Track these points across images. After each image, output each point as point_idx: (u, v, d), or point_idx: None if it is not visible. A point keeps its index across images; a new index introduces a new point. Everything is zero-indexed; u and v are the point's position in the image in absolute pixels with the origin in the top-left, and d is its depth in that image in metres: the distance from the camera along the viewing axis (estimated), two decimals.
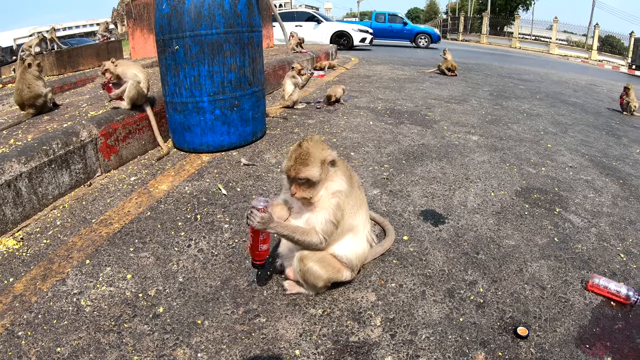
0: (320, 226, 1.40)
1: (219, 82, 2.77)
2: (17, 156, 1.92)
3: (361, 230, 1.51)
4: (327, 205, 1.40)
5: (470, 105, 4.81)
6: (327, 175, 1.40)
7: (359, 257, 1.53)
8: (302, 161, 1.34)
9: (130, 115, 2.80)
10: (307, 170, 1.34)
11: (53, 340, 1.33)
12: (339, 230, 1.43)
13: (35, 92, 2.75)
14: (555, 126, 4.24)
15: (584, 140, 3.84)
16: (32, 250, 1.83)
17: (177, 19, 2.56)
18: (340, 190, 1.41)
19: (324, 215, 1.39)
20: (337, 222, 1.40)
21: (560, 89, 6.99)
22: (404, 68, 7.91)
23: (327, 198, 1.41)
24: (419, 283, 1.64)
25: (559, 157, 3.24)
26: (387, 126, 3.71)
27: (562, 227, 2.13)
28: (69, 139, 2.24)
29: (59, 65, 5.21)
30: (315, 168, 1.35)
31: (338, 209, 1.39)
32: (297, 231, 1.41)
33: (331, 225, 1.40)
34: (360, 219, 1.49)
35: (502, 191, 2.50)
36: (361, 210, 1.50)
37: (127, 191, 2.41)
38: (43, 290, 1.56)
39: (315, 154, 1.35)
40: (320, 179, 1.37)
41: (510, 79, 7.49)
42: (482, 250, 1.88)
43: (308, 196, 1.38)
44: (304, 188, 1.38)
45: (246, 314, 1.48)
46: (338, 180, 1.42)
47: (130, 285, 1.61)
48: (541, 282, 1.68)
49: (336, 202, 1.39)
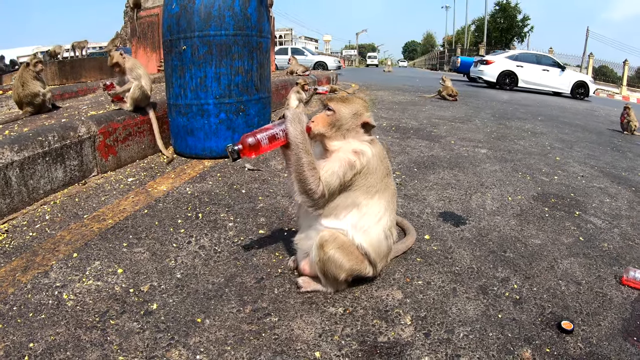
0: (324, 173, 1.23)
1: (225, 84, 2.67)
2: (9, 144, 1.76)
3: (374, 216, 1.30)
4: (342, 157, 1.25)
5: (474, 125, 4.82)
6: (355, 132, 1.29)
7: (374, 248, 1.31)
8: (341, 98, 1.31)
9: (131, 116, 2.68)
10: (340, 104, 1.29)
11: (26, 335, 1.13)
12: (343, 198, 1.27)
13: (30, 90, 2.64)
14: (561, 142, 4.25)
15: (591, 154, 3.84)
16: (16, 242, 1.64)
17: (186, 19, 2.50)
18: (364, 152, 1.26)
19: (333, 165, 1.24)
20: (344, 181, 1.24)
21: (560, 113, 7.10)
22: (404, 93, 8.04)
23: (344, 152, 1.26)
24: (448, 280, 1.47)
25: (569, 167, 3.22)
26: (394, 140, 3.67)
27: (585, 227, 2.08)
28: (66, 133, 2.09)
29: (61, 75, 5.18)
30: (347, 109, 1.28)
31: (351, 169, 1.23)
32: (310, 155, 1.22)
33: (336, 180, 1.23)
34: (376, 204, 1.30)
35: (519, 196, 2.45)
36: (382, 195, 1.31)
37: (123, 190, 2.24)
38: (22, 282, 1.36)
39: (356, 103, 1.31)
40: (344, 124, 1.27)
41: (509, 104, 7.62)
42: (509, 248, 1.78)
43: (323, 131, 1.28)
44: (326, 122, 1.28)
45: (255, 312, 1.27)
46: (365, 144, 1.28)
47: (121, 280, 1.41)
48: (575, 278, 1.59)
49: (353, 160, 1.24)
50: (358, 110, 1.29)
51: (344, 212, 1.29)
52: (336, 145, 1.29)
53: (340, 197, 1.28)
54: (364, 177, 1.26)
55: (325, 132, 1.28)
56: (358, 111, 1.29)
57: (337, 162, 1.24)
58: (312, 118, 1.30)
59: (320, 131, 1.28)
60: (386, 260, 1.41)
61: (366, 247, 1.30)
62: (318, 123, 1.28)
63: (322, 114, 1.30)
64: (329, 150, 1.30)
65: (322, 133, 1.28)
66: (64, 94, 3.87)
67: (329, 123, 1.28)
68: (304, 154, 1.21)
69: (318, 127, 1.28)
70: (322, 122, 1.28)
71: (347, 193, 1.28)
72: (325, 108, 1.30)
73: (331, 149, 1.29)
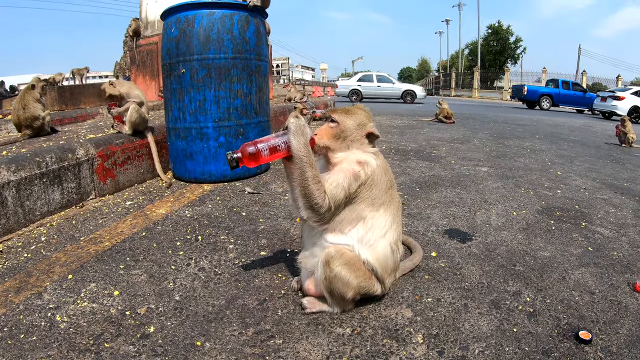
0: (329, 186, 1.22)
1: (224, 107, 2.73)
2: (6, 164, 1.78)
3: (380, 230, 1.29)
4: (346, 168, 1.25)
5: (473, 145, 4.95)
6: (359, 142, 1.30)
7: (381, 264, 1.29)
8: (345, 110, 1.32)
9: (130, 140, 2.72)
10: (344, 116, 1.30)
11: (16, 357, 1.09)
12: (349, 211, 1.26)
13: (31, 113, 2.69)
14: (560, 158, 4.36)
15: (591, 167, 3.94)
16: (10, 263, 1.62)
17: (185, 42, 2.59)
18: (368, 162, 1.26)
19: (337, 177, 1.23)
20: (349, 192, 1.23)
21: (557, 130, 7.33)
22: (402, 118, 8.28)
23: (348, 163, 1.26)
24: (459, 296, 1.45)
25: (570, 181, 3.30)
26: (394, 162, 3.73)
27: (593, 238, 2.10)
28: (64, 155, 2.12)
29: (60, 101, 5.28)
30: (351, 120, 1.29)
31: (356, 180, 1.23)
32: (314, 169, 1.21)
33: (341, 192, 1.22)
34: (382, 216, 1.29)
35: (524, 210, 2.47)
36: (387, 208, 1.30)
37: (121, 213, 2.23)
38: (14, 303, 1.33)
39: (360, 114, 1.32)
40: (349, 135, 1.28)
41: (506, 124, 7.86)
42: (518, 262, 1.77)
43: (327, 144, 1.28)
44: (330, 134, 1.28)
45: (257, 335, 1.24)
46: (369, 155, 1.29)
47: (117, 303, 1.37)
48: (588, 287, 1.58)
49: (358, 171, 1.24)
50: (362, 121, 1.31)
51: (349, 227, 1.28)
52: (339, 157, 1.29)
53: (345, 211, 1.27)
54: (369, 189, 1.26)
55: (330, 145, 1.29)
56: (362, 122, 1.30)
57: (341, 174, 1.24)
58: (316, 131, 1.31)
59: (325, 144, 1.29)
60: (394, 276, 1.39)
61: (372, 262, 1.28)
62: (322, 136, 1.29)
63: (325, 126, 1.31)
64: (332, 163, 1.30)
65: (327, 145, 1.29)
66: (64, 119, 3.94)
67: (334, 135, 1.29)
68: (308, 167, 1.20)
69: (323, 140, 1.29)
70: (327, 134, 1.29)
71: (352, 206, 1.27)
72: (329, 120, 1.31)
73: (334, 161, 1.30)
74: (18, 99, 2.69)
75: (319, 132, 1.30)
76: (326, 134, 1.30)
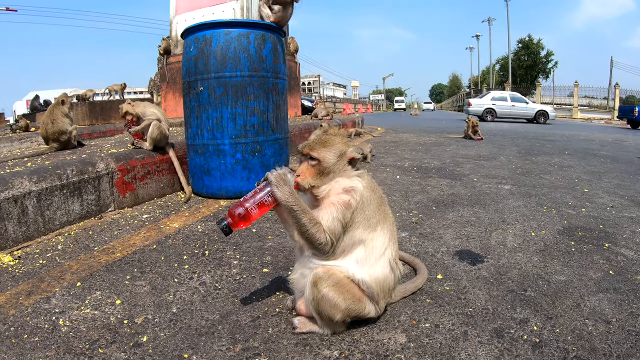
0: (326, 223, 1.25)
1: (241, 125, 2.87)
2: (29, 174, 1.99)
3: (380, 249, 1.31)
4: (335, 200, 1.27)
5: (499, 162, 4.96)
6: (342, 171, 1.31)
7: (379, 283, 1.31)
8: (321, 142, 1.30)
9: (150, 155, 2.92)
10: (323, 151, 1.28)
11: (17, 355, 1.21)
12: (347, 238, 1.28)
13: (59, 127, 2.97)
14: (589, 174, 4.26)
15: (620, 184, 3.80)
16: (26, 268, 1.79)
17: (203, 61, 2.78)
18: (355, 188, 1.28)
19: (331, 212, 1.25)
20: (345, 222, 1.25)
21: (587, 146, 7.20)
22: (429, 135, 8.41)
23: (336, 194, 1.29)
24: (459, 323, 1.42)
25: (597, 199, 3.19)
26: (415, 179, 3.77)
27: (616, 260, 1.99)
28: (84, 168, 2.33)
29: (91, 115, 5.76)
30: (331, 153, 1.28)
31: (348, 208, 1.25)
32: (307, 213, 1.24)
33: (338, 224, 1.25)
34: (380, 235, 1.32)
35: (544, 231, 2.40)
36: (383, 225, 1.33)
37: (137, 226, 2.40)
38: (24, 305, 1.48)
39: (337, 142, 1.31)
40: (332, 169, 1.29)
41: (536, 140, 7.83)
42: (530, 287, 1.71)
43: (313, 183, 1.29)
44: (312, 173, 1.29)
45: (244, 351, 1.28)
46: (355, 179, 1.31)
47: (117, 311, 1.48)
48: (604, 316, 1.49)
49: (348, 199, 1.26)
50: (341, 150, 1.31)
51: (349, 252, 1.32)
52: (325, 190, 1.31)
53: (344, 239, 1.30)
54: (361, 212, 1.29)
55: (315, 183, 1.30)
56: (341, 151, 1.31)
57: (332, 207, 1.27)
58: (297, 171, 1.33)
59: (310, 183, 1.30)
60: (390, 296, 1.40)
61: (369, 281, 1.29)
62: (305, 176, 1.31)
63: (305, 165, 1.32)
64: (319, 197, 1.32)
65: (312, 184, 1.30)
66: (93, 134, 4.30)
67: (317, 172, 1.30)
68: (302, 214, 1.24)
69: (306, 180, 1.30)
70: (309, 173, 1.30)
71: (350, 233, 1.30)
72: (307, 158, 1.31)
73: (321, 195, 1.31)
74: (47, 113, 2.99)
75: (301, 172, 1.32)
76: (309, 173, 1.31)
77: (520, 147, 6.54)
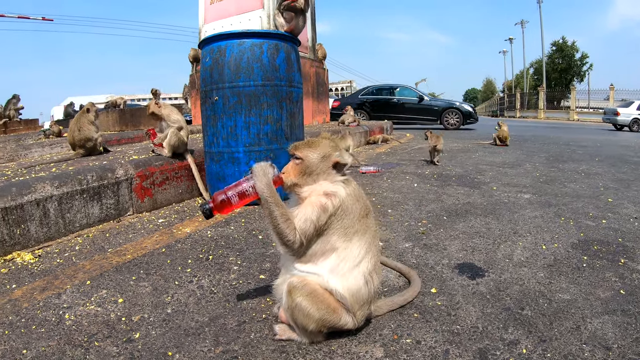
0: (298, 222, 1.33)
1: (255, 133, 3.03)
2: (51, 179, 2.27)
3: (353, 260, 1.37)
4: (313, 201, 1.35)
5: (523, 169, 4.92)
6: (326, 174, 1.38)
7: (352, 294, 1.36)
8: (307, 143, 1.40)
9: (169, 162, 3.16)
10: (307, 150, 1.37)
11: (24, 343, 1.41)
12: (321, 242, 1.35)
13: (85, 135, 3.28)
14: (616, 182, 4.13)
15: None
16: (44, 266, 2.04)
17: (218, 71, 2.98)
18: (335, 193, 1.35)
19: (306, 211, 1.33)
20: (318, 225, 1.32)
21: (620, 152, 7.01)
22: (458, 141, 8.47)
23: (315, 196, 1.36)
24: (443, 340, 1.44)
25: (621, 210, 3.08)
26: (432, 187, 3.80)
27: (630, 278, 1.91)
28: (104, 174, 2.59)
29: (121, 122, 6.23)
30: (315, 154, 1.37)
31: (324, 211, 1.32)
32: (281, 207, 1.34)
33: (310, 225, 1.32)
34: (355, 246, 1.37)
35: (556, 244, 2.35)
36: (361, 237, 1.39)
37: (151, 230, 2.62)
38: (37, 299, 1.70)
39: (324, 144, 1.39)
40: (314, 169, 1.37)
41: (567, 146, 7.71)
42: (529, 305, 1.68)
43: (295, 182, 1.38)
44: (296, 171, 1.38)
45: (224, 353, 1.40)
46: (338, 185, 1.39)
47: (118, 309, 1.66)
48: (605, 341, 1.43)
49: (324, 202, 1.33)
50: (326, 152, 1.39)
51: (322, 257, 1.38)
52: (308, 191, 1.39)
53: (318, 243, 1.37)
54: (340, 219, 1.35)
55: (298, 181, 1.39)
56: (326, 153, 1.38)
57: (309, 207, 1.34)
58: (283, 169, 1.43)
59: (293, 181, 1.39)
60: (368, 309, 1.45)
61: (342, 292, 1.35)
62: (289, 174, 1.40)
63: (291, 164, 1.42)
64: (302, 197, 1.41)
65: (295, 183, 1.39)
66: (121, 140, 4.68)
67: (300, 171, 1.39)
68: (275, 206, 1.34)
69: (290, 178, 1.40)
70: (293, 171, 1.40)
71: (324, 237, 1.36)
72: (293, 157, 1.41)
73: (303, 196, 1.40)
74: (74, 121, 3.32)
75: (286, 170, 1.42)
76: (293, 171, 1.40)
77: (550, 154, 6.50)
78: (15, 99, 12.61)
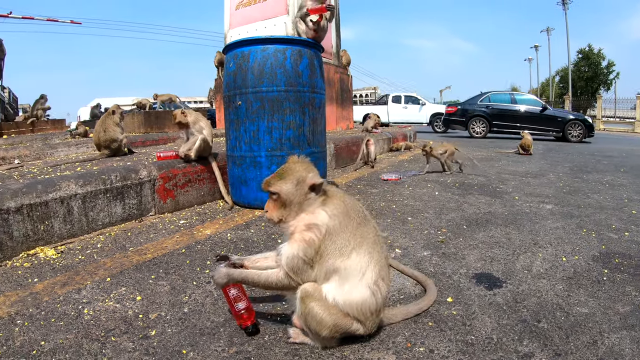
0: (284, 260, 1.34)
1: (277, 138, 3.08)
2: (75, 178, 2.38)
3: (356, 275, 1.34)
4: (297, 238, 1.34)
5: (547, 179, 4.85)
6: (305, 200, 1.35)
7: (357, 308, 1.35)
8: (277, 175, 1.36)
9: (192, 165, 3.25)
10: (278, 184, 1.33)
11: (42, 335, 1.47)
12: (319, 270, 1.35)
13: (110, 136, 3.42)
14: None
15: None
16: (66, 262, 2.13)
17: (241, 76, 3.04)
18: (316, 224, 1.33)
19: (291, 249, 1.33)
20: (308, 259, 1.32)
21: None
22: (482, 149, 8.45)
23: (299, 232, 1.35)
24: (456, 350, 1.41)
25: None
26: (453, 196, 3.78)
27: None
28: (127, 174, 2.69)
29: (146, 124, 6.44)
30: (287, 184, 1.33)
31: (310, 245, 1.32)
32: (261, 275, 1.42)
33: (299, 262, 1.32)
34: (355, 262, 1.35)
35: (577, 256, 2.29)
36: (359, 250, 1.36)
37: (172, 231, 2.69)
38: (57, 294, 1.78)
39: (295, 170, 1.35)
40: (292, 199, 1.33)
41: (592, 157, 7.60)
42: (545, 318, 1.63)
43: (279, 217, 1.36)
44: (276, 207, 1.36)
45: (237, 354, 1.42)
46: (318, 212, 1.35)
47: (136, 306, 1.71)
48: (622, 357, 1.38)
49: (308, 238, 1.32)
50: (299, 177, 1.34)
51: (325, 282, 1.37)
52: (293, 225, 1.37)
53: (316, 269, 1.36)
54: (332, 242, 1.33)
55: (281, 216, 1.36)
56: (300, 178, 1.34)
57: (295, 244, 1.34)
58: (265, 207, 1.42)
59: (276, 217, 1.37)
60: (378, 318, 1.44)
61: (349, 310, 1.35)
62: (270, 211, 1.38)
63: (269, 201, 1.40)
64: (290, 232, 1.38)
65: (279, 219, 1.37)
66: (146, 141, 4.84)
67: (279, 206, 1.36)
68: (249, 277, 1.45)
69: (272, 215, 1.38)
70: (273, 208, 1.37)
71: (322, 263, 1.35)
72: (270, 193, 1.38)
73: (290, 231, 1.38)
74: (100, 122, 3.47)
75: (267, 208, 1.40)
76: (273, 208, 1.38)
77: (574, 164, 6.41)
78: (42, 99, 13.11)
